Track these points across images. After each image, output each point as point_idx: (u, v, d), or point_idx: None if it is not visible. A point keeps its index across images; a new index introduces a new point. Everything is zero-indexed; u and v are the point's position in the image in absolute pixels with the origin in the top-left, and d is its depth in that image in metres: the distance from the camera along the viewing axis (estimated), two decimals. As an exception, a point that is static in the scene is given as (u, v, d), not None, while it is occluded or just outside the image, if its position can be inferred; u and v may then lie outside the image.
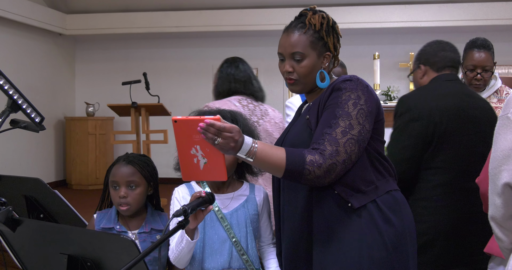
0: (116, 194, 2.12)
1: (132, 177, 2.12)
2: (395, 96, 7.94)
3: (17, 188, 2.29)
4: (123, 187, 2.11)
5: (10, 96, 2.26)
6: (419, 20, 7.49)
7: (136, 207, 2.15)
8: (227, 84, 3.15)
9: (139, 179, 2.14)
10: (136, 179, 2.13)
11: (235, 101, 3.07)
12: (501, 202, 1.24)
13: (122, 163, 2.15)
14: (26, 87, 6.41)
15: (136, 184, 2.13)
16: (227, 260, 2.02)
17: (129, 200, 2.11)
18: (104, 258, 1.50)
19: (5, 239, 1.74)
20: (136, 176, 2.13)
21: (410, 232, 1.85)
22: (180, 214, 1.61)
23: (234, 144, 1.56)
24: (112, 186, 2.14)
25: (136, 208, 2.16)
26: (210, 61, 8.68)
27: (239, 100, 3.08)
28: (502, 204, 1.24)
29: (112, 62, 8.79)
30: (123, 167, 2.13)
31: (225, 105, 2.97)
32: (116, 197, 2.12)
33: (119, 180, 2.12)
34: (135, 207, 2.14)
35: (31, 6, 7.35)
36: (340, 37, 1.91)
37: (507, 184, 1.19)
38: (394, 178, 1.90)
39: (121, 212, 2.15)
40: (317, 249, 1.80)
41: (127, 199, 2.11)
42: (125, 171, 2.13)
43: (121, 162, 2.16)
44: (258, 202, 2.14)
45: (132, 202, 2.12)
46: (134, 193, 2.12)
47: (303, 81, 1.86)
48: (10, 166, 6.87)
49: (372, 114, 1.77)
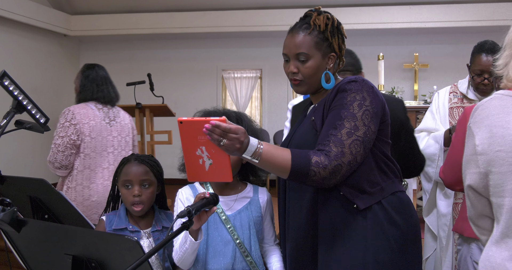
0: (129, 193, 2.15)
1: (145, 176, 2.17)
2: (400, 97, 7.93)
3: (22, 188, 2.29)
4: (137, 186, 2.15)
5: (15, 97, 2.26)
6: (423, 21, 7.48)
7: (148, 206, 2.19)
8: (88, 89, 3.51)
9: (151, 178, 2.19)
10: (149, 178, 2.18)
11: (91, 104, 3.47)
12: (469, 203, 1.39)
13: (134, 162, 2.19)
14: (31, 88, 6.44)
15: (149, 183, 2.18)
16: (231, 262, 2.01)
17: (143, 198, 2.15)
18: (108, 259, 1.50)
19: (10, 239, 1.74)
20: (149, 175, 2.19)
21: (416, 234, 1.84)
22: (184, 215, 1.61)
23: (239, 146, 1.56)
24: (124, 185, 2.17)
25: (148, 208, 2.19)
26: (214, 61, 8.70)
27: (95, 104, 3.48)
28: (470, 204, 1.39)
29: (117, 63, 8.81)
30: (136, 166, 2.18)
31: (83, 108, 3.41)
32: (129, 196, 2.15)
33: (132, 179, 2.16)
34: (148, 206, 2.18)
35: (36, 7, 7.37)
36: (345, 38, 1.91)
37: (470, 186, 1.35)
38: (400, 179, 1.89)
39: (134, 213, 2.17)
40: (322, 249, 1.79)
41: (141, 197, 2.15)
42: (138, 170, 2.17)
43: (133, 162, 2.20)
44: (262, 204, 2.13)
45: (145, 200, 2.16)
46: (148, 192, 2.17)
47: (308, 82, 1.85)
48: (15, 167, 6.89)
49: (377, 115, 1.76)
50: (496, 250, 1.29)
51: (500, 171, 1.27)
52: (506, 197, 1.26)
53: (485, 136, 1.30)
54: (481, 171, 1.32)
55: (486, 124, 1.31)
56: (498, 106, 1.31)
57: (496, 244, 1.30)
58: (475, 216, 1.40)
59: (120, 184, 2.19)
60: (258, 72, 8.71)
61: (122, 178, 2.19)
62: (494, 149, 1.27)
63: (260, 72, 8.72)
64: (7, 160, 6.69)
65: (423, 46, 8.09)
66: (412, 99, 7.86)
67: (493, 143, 1.28)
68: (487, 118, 1.31)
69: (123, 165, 2.22)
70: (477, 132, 1.33)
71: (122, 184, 2.18)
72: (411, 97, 8.02)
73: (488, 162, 1.29)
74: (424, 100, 7.58)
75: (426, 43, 8.09)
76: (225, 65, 8.71)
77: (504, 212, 1.26)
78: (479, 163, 1.32)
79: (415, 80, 8.02)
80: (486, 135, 1.30)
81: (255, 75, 8.71)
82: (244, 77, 8.76)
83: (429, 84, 7.87)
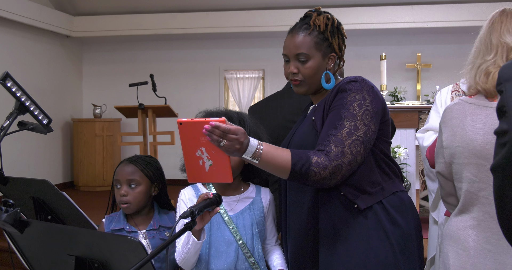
0: (117, 192, 2.19)
1: (132, 176, 2.17)
2: (402, 97, 7.92)
3: (25, 189, 2.30)
4: (124, 186, 2.17)
5: (18, 98, 2.27)
6: (426, 21, 7.46)
7: (136, 205, 2.18)
8: None
9: (140, 178, 2.18)
10: (137, 178, 2.17)
11: None
12: (439, 185, 1.78)
13: (125, 163, 2.22)
14: (34, 89, 6.45)
15: (136, 183, 2.17)
16: (233, 262, 2.01)
17: (129, 198, 2.16)
18: (111, 260, 1.50)
19: (13, 240, 1.74)
20: (137, 175, 2.18)
21: (417, 233, 1.84)
22: (187, 216, 1.61)
23: (239, 146, 1.56)
24: (115, 185, 2.20)
25: (137, 207, 2.19)
26: (216, 62, 8.70)
27: None
28: (440, 186, 1.77)
29: (119, 63, 8.82)
30: (125, 167, 2.20)
31: None
32: (117, 195, 2.19)
33: (120, 179, 2.18)
34: (135, 205, 2.18)
35: (39, 8, 7.38)
36: (345, 38, 1.91)
37: (438, 172, 1.73)
38: (400, 179, 1.89)
39: (123, 210, 2.20)
40: (323, 249, 1.79)
41: (127, 197, 2.16)
42: (126, 170, 2.18)
43: (124, 163, 2.22)
44: (264, 205, 2.13)
45: (132, 200, 2.16)
46: (134, 192, 2.17)
47: (308, 82, 1.86)
48: (18, 167, 6.90)
49: (377, 115, 1.76)
50: (455, 221, 1.68)
51: (459, 162, 1.61)
52: (463, 182, 1.61)
53: (449, 133, 1.64)
54: (446, 161, 1.67)
55: (449, 125, 1.64)
56: (459, 110, 1.63)
57: (455, 216, 1.69)
58: (445, 195, 1.77)
59: (114, 184, 2.23)
60: (260, 73, 8.71)
61: (114, 178, 2.22)
62: (455, 144, 1.61)
63: (262, 73, 8.72)
64: (10, 161, 6.71)
65: (425, 46, 8.08)
66: (415, 99, 7.85)
67: (454, 140, 1.62)
68: (450, 119, 1.65)
69: (118, 165, 2.25)
70: (444, 130, 1.67)
71: (114, 184, 2.22)
72: (414, 97, 8.01)
73: (451, 154, 1.64)
74: (426, 100, 7.57)
75: (429, 43, 8.07)
76: (227, 66, 8.71)
77: (462, 193, 1.63)
78: (445, 155, 1.67)
79: (417, 80, 8.01)
80: (450, 133, 1.64)
81: (258, 76, 8.71)
82: (246, 78, 8.76)
83: (432, 84, 7.86)
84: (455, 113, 1.64)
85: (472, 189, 1.59)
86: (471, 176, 1.58)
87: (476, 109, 1.60)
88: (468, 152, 1.57)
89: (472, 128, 1.57)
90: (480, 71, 1.64)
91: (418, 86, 8.03)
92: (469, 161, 1.58)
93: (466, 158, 1.58)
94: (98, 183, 8.04)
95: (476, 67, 1.66)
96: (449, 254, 1.65)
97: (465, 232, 1.61)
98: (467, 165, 1.58)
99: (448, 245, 1.67)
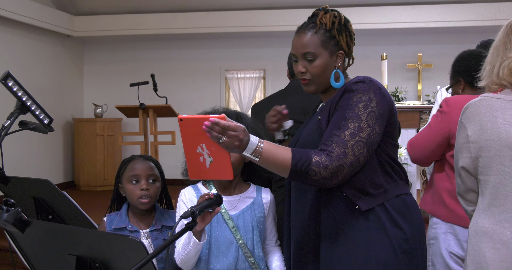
0: (136, 188, 2.19)
1: (152, 171, 2.23)
2: (403, 97, 7.91)
3: (26, 189, 2.30)
4: (144, 180, 2.19)
5: (19, 98, 2.27)
6: (427, 21, 7.45)
7: (154, 201, 2.23)
8: None
9: (157, 174, 2.25)
10: (155, 173, 2.24)
11: None
12: (460, 181, 1.75)
13: (140, 159, 2.25)
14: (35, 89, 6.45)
15: (155, 178, 2.23)
16: (233, 262, 2.01)
17: (151, 192, 2.20)
18: (112, 259, 1.50)
19: (14, 240, 1.74)
20: (155, 171, 2.24)
21: (420, 236, 1.84)
22: (188, 216, 1.61)
23: (239, 143, 1.56)
24: (131, 181, 2.20)
25: (154, 203, 2.24)
26: (218, 62, 8.70)
27: None
28: (461, 182, 1.75)
29: (120, 63, 8.82)
30: (142, 162, 2.23)
31: None
32: (136, 190, 2.18)
33: (140, 174, 2.20)
34: (154, 200, 2.23)
35: (40, 8, 7.38)
36: (353, 35, 1.91)
37: (463, 167, 1.72)
38: (406, 181, 1.89)
39: (141, 206, 2.20)
40: (325, 249, 1.79)
41: (149, 191, 2.19)
42: (145, 165, 2.23)
43: (138, 159, 2.25)
44: (265, 204, 2.13)
45: (153, 194, 2.20)
46: (155, 187, 2.22)
47: (316, 81, 1.85)
48: (19, 167, 6.90)
49: (383, 117, 1.76)
50: (484, 217, 1.64)
51: (488, 155, 1.62)
52: (492, 175, 1.62)
53: (476, 128, 1.65)
54: (472, 156, 1.67)
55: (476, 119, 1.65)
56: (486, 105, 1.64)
57: (483, 212, 1.65)
58: (464, 190, 1.76)
59: (126, 181, 2.22)
60: (261, 73, 8.70)
61: (127, 174, 2.21)
62: (484, 138, 1.62)
63: (263, 73, 8.71)
64: (11, 161, 6.70)
65: (426, 46, 8.07)
66: (416, 99, 7.84)
67: (483, 134, 1.63)
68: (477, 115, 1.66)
69: (127, 163, 2.26)
70: (469, 126, 1.67)
71: (128, 180, 2.21)
72: (415, 97, 7.99)
73: (479, 148, 1.64)
74: (427, 100, 7.55)
75: (430, 43, 8.06)
76: (228, 66, 8.71)
77: (490, 187, 1.63)
78: (471, 149, 1.67)
79: (418, 80, 8.00)
80: (477, 127, 1.65)
81: (259, 76, 8.71)
82: (247, 78, 8.75)
83: (433, 84, 7.85)
84: (482, 108, 1.65)
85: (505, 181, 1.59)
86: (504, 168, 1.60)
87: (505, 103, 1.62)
88: (500, 144, 1.59)
89: (503, 121, 1.60)
90: (503, 68, 1.66)
91: (419, 86, 8.02)
92: (501, 153, 1.59)
93: (498, 151, 1.60)
94: (99, 183, 8.04)
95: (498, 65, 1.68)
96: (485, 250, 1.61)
97: (501, 226, 1.58)
98: (499, 157, 1.60)
99: (482, 242, 1.62)
